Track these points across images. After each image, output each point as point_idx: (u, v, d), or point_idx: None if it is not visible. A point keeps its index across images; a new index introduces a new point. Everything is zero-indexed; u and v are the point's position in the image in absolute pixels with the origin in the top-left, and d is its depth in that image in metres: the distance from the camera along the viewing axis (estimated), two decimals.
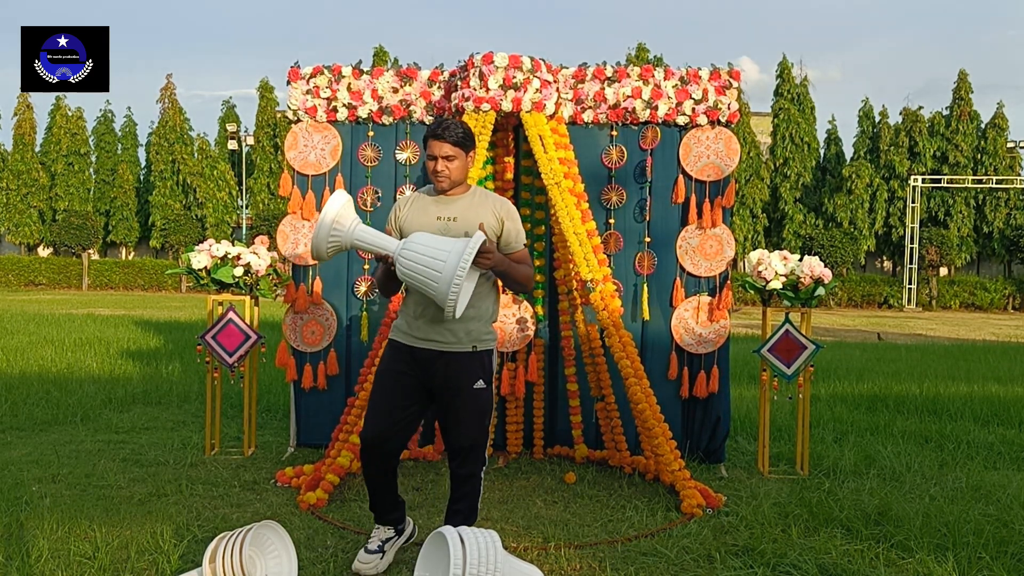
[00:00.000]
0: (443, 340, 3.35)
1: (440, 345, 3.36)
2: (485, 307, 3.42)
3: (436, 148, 3.34)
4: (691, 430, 5.46)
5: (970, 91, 29.35)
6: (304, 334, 5.48)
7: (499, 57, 4.90)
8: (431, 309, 3.30)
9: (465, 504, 3.48)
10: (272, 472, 5.00)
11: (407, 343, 3.41)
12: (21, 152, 32.58)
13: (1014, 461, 5.60)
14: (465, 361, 3.37)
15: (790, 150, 29.19)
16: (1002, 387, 8.62)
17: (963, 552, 3.67)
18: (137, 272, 31.42)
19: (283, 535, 3.30)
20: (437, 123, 3.38)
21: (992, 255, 29.57)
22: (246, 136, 31.99)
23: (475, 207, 3.39)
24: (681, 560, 3.66)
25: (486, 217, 3.37)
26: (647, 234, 5.43)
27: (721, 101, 5.31)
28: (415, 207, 3.44)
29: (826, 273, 5.10)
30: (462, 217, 3.36)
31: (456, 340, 3.36)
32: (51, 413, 6.59)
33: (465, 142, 3.37)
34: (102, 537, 3.73)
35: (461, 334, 3.36)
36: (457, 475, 3.47)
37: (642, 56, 29.29)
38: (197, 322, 14.70)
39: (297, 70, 5.44)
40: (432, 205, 3.42)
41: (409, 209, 3.45)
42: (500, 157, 5.54)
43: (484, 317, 3.42)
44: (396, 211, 3.49)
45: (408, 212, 3.44)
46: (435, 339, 3.36)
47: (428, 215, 3.39)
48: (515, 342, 5.46)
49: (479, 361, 3.40)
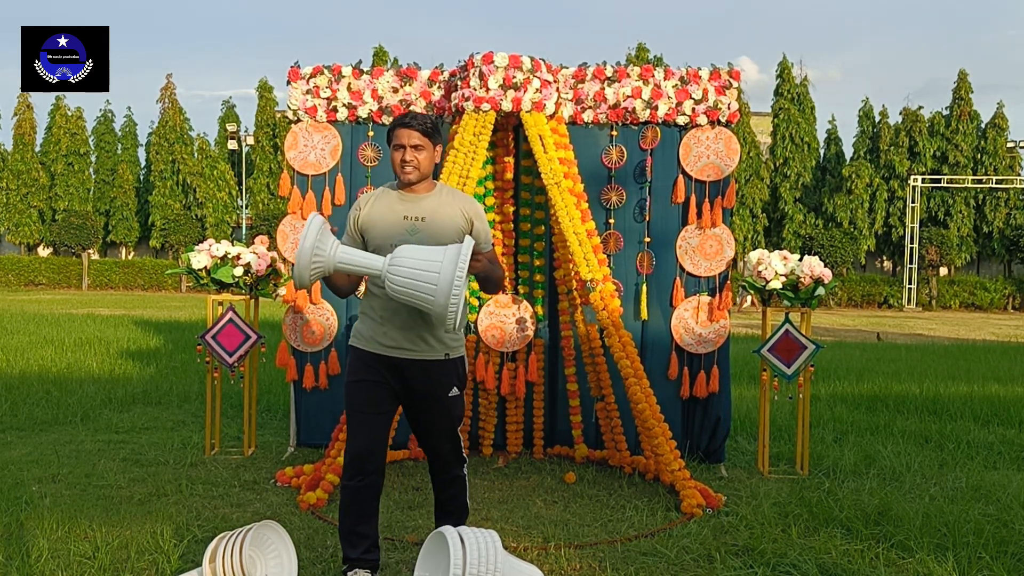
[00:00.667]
0: (415, 348, 3.20)
1: (412, 353, 3.21)
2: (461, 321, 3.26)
3: (404, 137, 3.18)
4: (691, 430, 5.46)
5: (970, 91, 29.36)
6: (304, 334, 5.48)
7: (499, 57, 4.90)
8: (400, 316, 3.16)
9: (455, 504, 3.45)
10: (272, 472, 5.00)
11: (374, 351, 3.23)
12: (21, 152, 32.58)
13: (1014, 461, 5.60)
14: (439, 369, 3.25)
15: (790, 150, 29.20)
16: (1002, 387, 8.62)
17: (963, 552, 3.67)
18: (137, 272, 31.43)
19: (283, 535, 3.30)
20: (404, 113, 3.25)
21: (992, 255, 29.58)
22: (246, 136, 32.00)
23: (444, 206, 3.23)
24: (681, 560, 3.66)
25: (455, 217, 3.22)
26: (647, 234, 5.43)
27: (721, 101, 5.31)
28: (379, 205, 3.25)
29: (826, 273, 5.10)
30: (431, 218, 3.19)
31: (429, 348, 3.22)
32: (51, 413, 6.59)
33: (433, 133, 3.22)
34: (102, 537, 3.73)
35: (433, 342, 3.22)
36: (441, 479, 3.42)
37: (642, 56, 29.29)
38: (197, 322, 14.70)
39: (297, 70, 5.44)
40: (398, 203, 3.23)
41: (372, 207, 3.25)
42: (500, 157, 5.54)
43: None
44: (356, 210, 3.28)
45: (371, 210, 3.24)
46: (407, 347, 3.20)
47: (394, 214, 3.20)
48: (515, 342, 5.46)
49: (453, 369, 3.30)
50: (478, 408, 5.61)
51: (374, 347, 3.23)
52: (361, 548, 3.30)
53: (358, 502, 3.28)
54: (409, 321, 3.17)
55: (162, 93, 32.79)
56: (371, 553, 3.32)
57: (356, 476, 3.25)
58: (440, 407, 3.29)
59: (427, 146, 3.21)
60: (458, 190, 3.48)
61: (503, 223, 5.59)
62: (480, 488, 4.77)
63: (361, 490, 3.27)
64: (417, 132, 3.18)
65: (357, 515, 3.29)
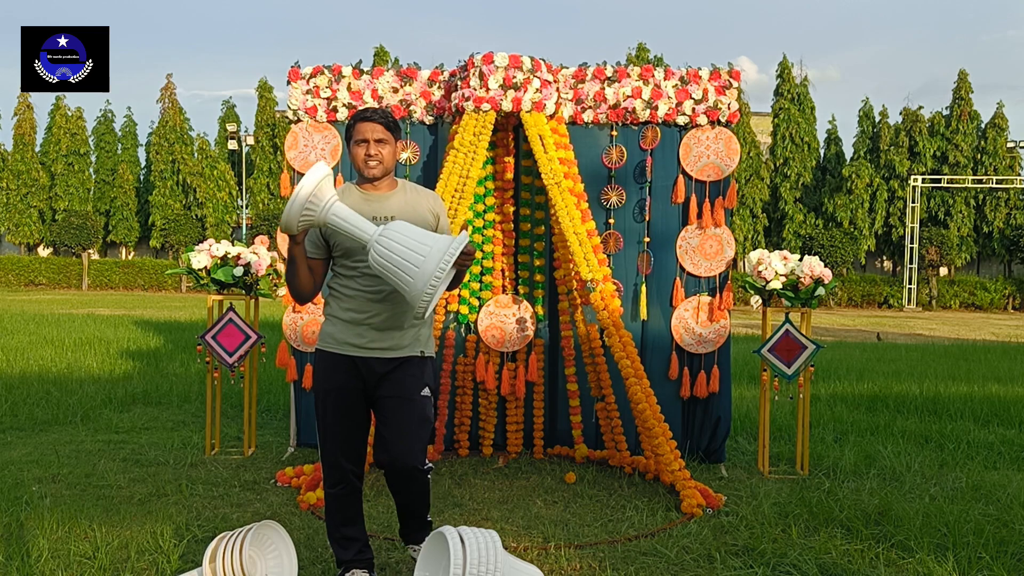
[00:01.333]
0: (390, 346, 3.14)
1: (388, 352, 3.14)
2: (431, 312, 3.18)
3: (367, 130, 3.11)
4: (691, 430, 5.46)
5: (970, 91, 29.36)
6: (304, 334, 5.48)
7: (499, 57, 4.90)
8: (381, 314, 3.12)
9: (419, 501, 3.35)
10: (272, 472, 5.00)
11: (346, 353, 3.14)
12: (21, 152, 32.58)
13: (1014, 461, 5.59)
14: (413, 368, 3.18)
15: (790, 150, 29.20)
16: (1002, 387, 8.62)
17: (963, 552, 3.67)
18: (137, 272, 31.42)
19: (283, 535, 3.30)
20: (363, 108, 3.17)
21: (992, 255, 29.59)
22: (246, 136, 31.99)
23: (411, 204, 3.18)
24: (681, 560, 3.66)
25: (424, 214, 3.18)
26: (647, 234, 5.43)
27: (721, 101, 5.31)
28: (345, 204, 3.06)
29: (826, 273, 5.10)
30: (400, 217, 3.08)
31: (406, 346, 3.17)
32: (51, 413, 6.59)
33: (395, 128, 3.16)
34: (102, 537, 3.73)
35: (409, 338, 3.17)
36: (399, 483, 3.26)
37: (642, 56, 29.29)
38: (197, 322, 14.70)
39: (297, 70, 5.44)
40: (364, 203, 3.14)
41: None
42: (500, 157, 5.54)
43: (429, 322, 3.28)
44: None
45: None
46: (382, 346, 3.13)
47: (361, 214, 3.02)
48: (515, 342, 5.46)
49: (428, 367, 3.25)
50: (478, 408, 5.61)
51: (347, 349, 3.15)
52: (353, 550, 3.29)
53: (341, 508, 3.28)
54: (387, 320, 3.12)
55: (162, 93, 32.80)
56: (364, 553, 3.32)
57: (337, 484, 3.25)
58: (411, 408, 3.17)
59: (390, 140, 3.15)
60: (420, 186, 3.39)
61: (503, 223, 5.59)
62: (480, 488, 4.77)
63: (342, 497, 3.27)
64: (380, 125, 3.12)
65: (343, 520, 3.29)
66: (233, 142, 31.65)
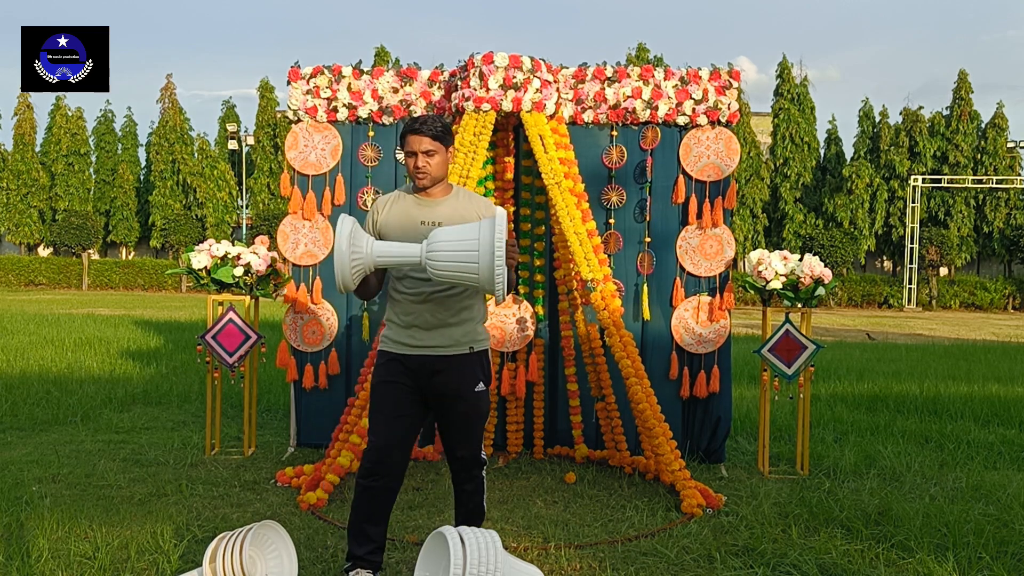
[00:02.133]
0: (440, 344, 3.24)
1: (438, 350, 3.24)
2: (478, 307, 3.34)
3: (415, 143, 3.20)
4: (691, 430, 5.46)
5: (970, 91, 29.36)
6: (304, 334, 5.48)
7: (499, 57, 4.90)
8: (423, 316, 3.22)
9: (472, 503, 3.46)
10: (272, 472, 5.00)
11: (400, 352, 3.27)
12: (21, 152, 32.59)
13: (1014, 461, 5.60)
14: (464, 364, 3.27)
15: (790, 150, 29.20)
16: (1002, 387, 8.62)
17: (963, 552, 3.67)
18: (137, 272, 31.42)
19: (283, 535, 3.30)
20: (414, 118, 3.27)
21: (992, 255, 29.58)
22: (246, 136, 31.97)
23: (460, 211, 3.26)
24: (681, 560, 3.66)
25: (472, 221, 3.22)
26: (647, 234, 5.43)
27: (721, 101, 5.31)
28: (396, 209, 3.29)
29: (826, 273, 5.10)
30: (448, 223, 3.18)
31: (454, 343, 3.26)
32: (51, 413, 6.59)
33: (445, 136, 3.23)
34: (102, 537, 3.73)
35: (458, 335, 3.26)
36: (459, 478, 3.43)
37: (642, 56, 29.29)
38: (197, 322, 14.70)
39: (297, 70, 5.44)
40: (415, 208, 3.26)
41: (389, 211, 3.29)
42: (500, 157, 5.54)
43: (478, 317, 3.35)
44: (375, 213, 3.32)
45: (388, 215, 3.28)
46: (431, 344, 3.24)
47: (411, 219, 3.24)
48: (515, 342, 5.46)
49: (478, 362, 3.33)
50: None
51: (401, 348, 3.28)
52: (367, 548, 3.30)
53: (369, 502, 3.29)
54: (432, 320, 3.22)
55: (162, 93, 32.81)
56: (375, 555, 3.32)
57: (371, 476, 3.26)
58: (467, 404, 3.29)
59: (439, 150, 3.23)
60: (475, 193, 3.49)
61: None
62: None
63: (374, 491, 3.28)
64: (428, 137, 3.20)
65: (367, 515, 3.30)
66: (233, 142, 31.64)
